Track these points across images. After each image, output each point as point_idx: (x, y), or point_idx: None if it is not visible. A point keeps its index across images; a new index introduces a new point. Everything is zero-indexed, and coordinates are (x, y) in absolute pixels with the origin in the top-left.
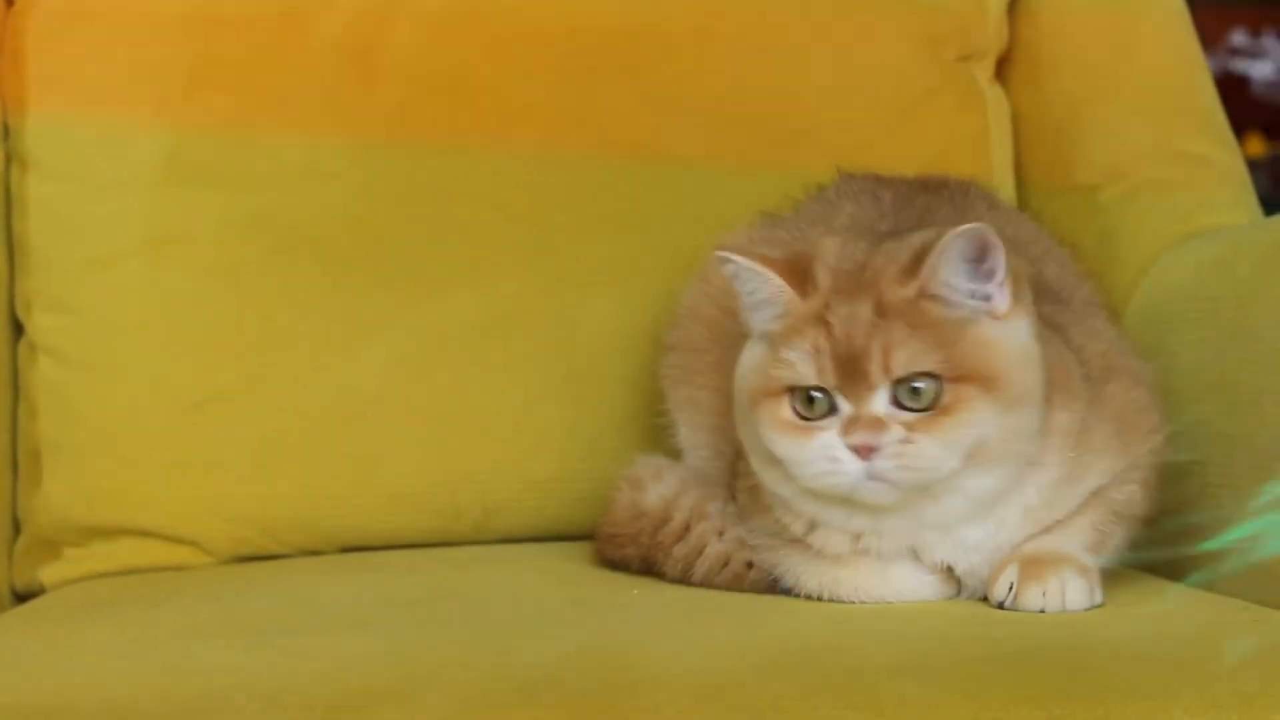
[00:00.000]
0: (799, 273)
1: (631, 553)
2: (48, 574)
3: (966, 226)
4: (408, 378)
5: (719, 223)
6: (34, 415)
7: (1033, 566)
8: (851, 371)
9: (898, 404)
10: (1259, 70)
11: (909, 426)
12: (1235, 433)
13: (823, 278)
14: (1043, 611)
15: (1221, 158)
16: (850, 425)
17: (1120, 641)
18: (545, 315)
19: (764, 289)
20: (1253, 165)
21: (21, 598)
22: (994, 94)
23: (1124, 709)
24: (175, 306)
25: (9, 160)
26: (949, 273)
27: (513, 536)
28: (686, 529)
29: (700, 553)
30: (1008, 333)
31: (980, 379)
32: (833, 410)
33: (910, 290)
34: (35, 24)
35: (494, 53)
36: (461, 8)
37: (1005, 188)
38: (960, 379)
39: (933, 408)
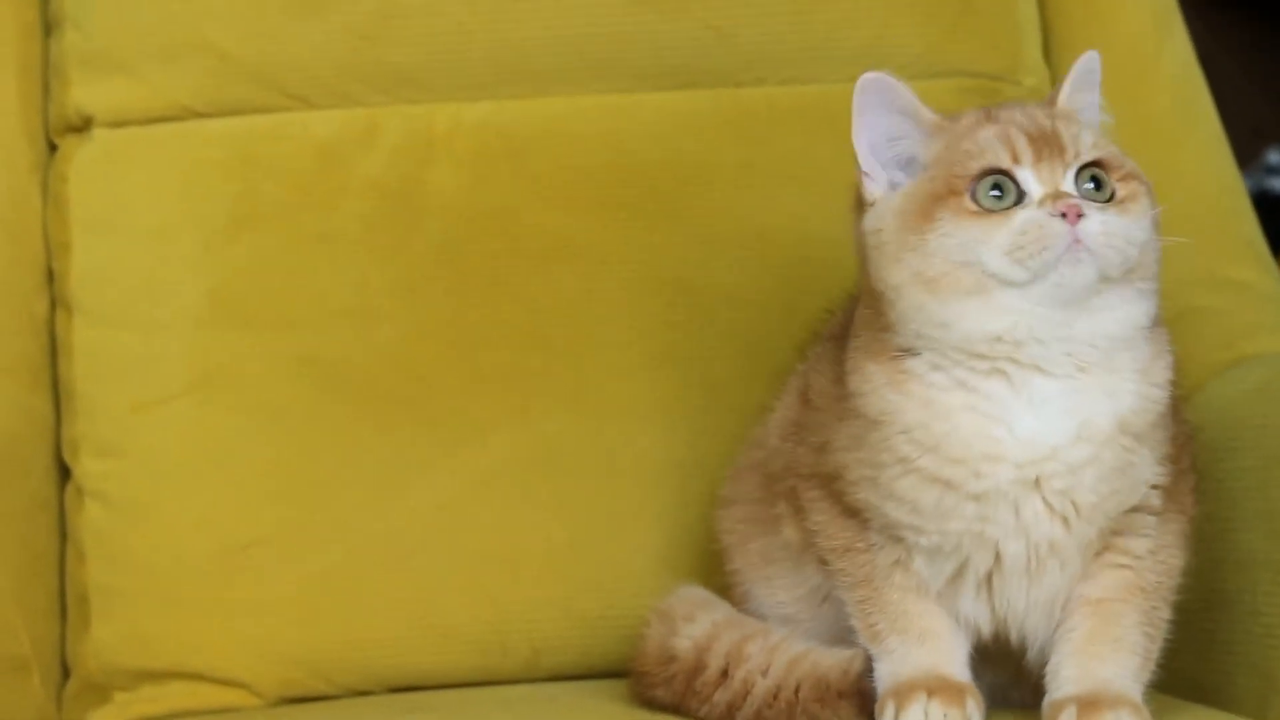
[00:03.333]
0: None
1: (662, 694)
2: (97, 718)
3: (1084, 56)
4: (453, 517)
5: (761, 358)
6: (81, 559)
7: (1089, 709)
8: (1041, 151)
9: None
10: None
11: (1102, 207)
12: None
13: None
14: None
15: (1263, 282)
16: (1054, 199)
17: None
18: (588, 453)
19: (914, 114)
20: None
21: None
22: None
23: None
24: (221, 448)
25: (54, 304)
26: (1081, 96)
27: (561, 674)
28: (725, 675)
29: (746, 695)
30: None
31: (1139, 178)
32: (1019, 200)
33: (1057, 109)
34: (78, 169)
35: (534, 190)
36: (500, 145)
37: None
38: (1125, 177)
39: (1110, 198)
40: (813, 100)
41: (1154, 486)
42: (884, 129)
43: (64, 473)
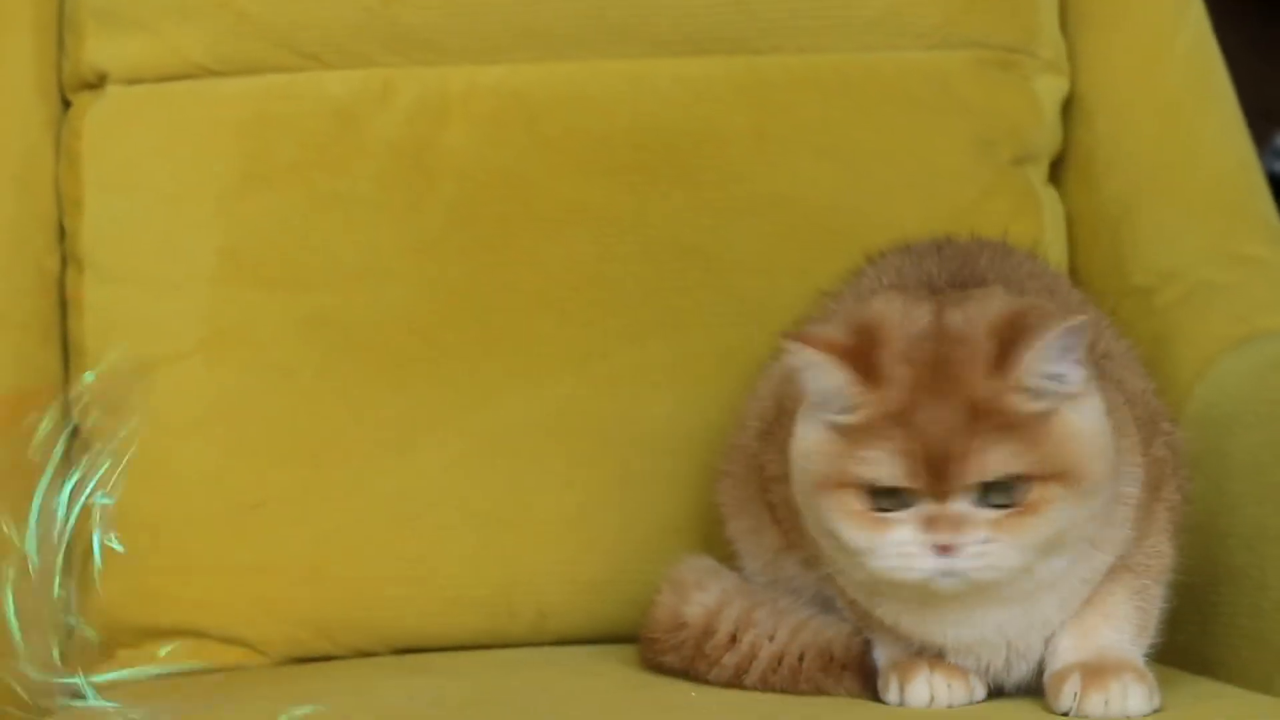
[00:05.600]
0: (868, 361)
1: (672, 660)
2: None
3: (1072, 322)
4: (463, 480)
5: (773, 326)
6: (89, 515)
7: (1094, 675)
8: (938, 473)
9: (981, 501)
10: None
11: (991, 525)
12: None
13: (896, 369)
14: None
15: (1276, 259)
16: (931, 523)
17: None
18: (599, 418)
19: (832, 381)
20: None
21: (76, 697)
22: (1048, 196)
23: None
24: (231, 408)
25: (65, 261)
26: (1044, 365)
27: (568, 638)
28: (734, 639)
29: (753, 659)
30: (1085, 417)
31: (1064, 475)
32: (909, 504)
33: (1001, 384)
34: (91, 125)
35: (548, 154)
36: (515, 108)
37: None
38: (1046, 477)
39: (1015, 504)
40: (829, 69)
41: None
42: (807, 378)
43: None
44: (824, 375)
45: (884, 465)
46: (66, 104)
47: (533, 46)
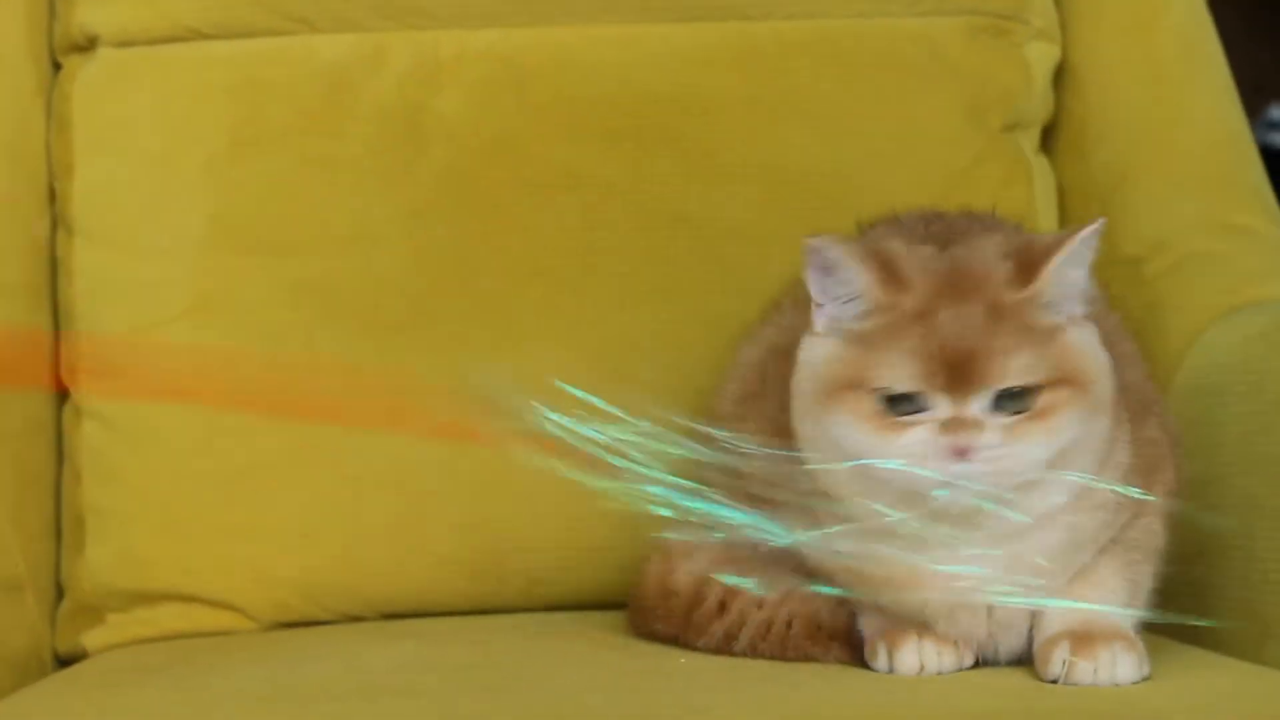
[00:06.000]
0: (891, 266)
1: (661, 628)
2: (90, 639)
3: (1093, 226)
4: (452, 446)
5: (762, 293)
6: (78, 480)
7: (1083, 642)
8: (957, 375)
9: (994, 408)
10: None
11: (1005, 430)
12: None
13: (918, 277)
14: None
15: (1268, 229)
16: (948, 426)
17: (1170, 713)
18: (587, 383)
19: (855, 282)
20: None
21: (64, 662)
22: (1039, 164)
23: None
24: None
25: (55, 225)
26: (1067, 277)
27: (557, 604)
28: (722, 607)
29: (742, 625)
30: (1089, 336)
31: (1074, 383)
32: (924, 409)
33: (1025, 294)
34: (82, 88)
35: (539, 120)
36: (506, 74)
37: None
38: (1057, 383)
39: (1027, 410)
40: (820, 35)
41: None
42: (828, 282)
43: (62, 393)
44: (848, 274)
45: (903, 367)
46: (57, 67)
47: (524, 11)
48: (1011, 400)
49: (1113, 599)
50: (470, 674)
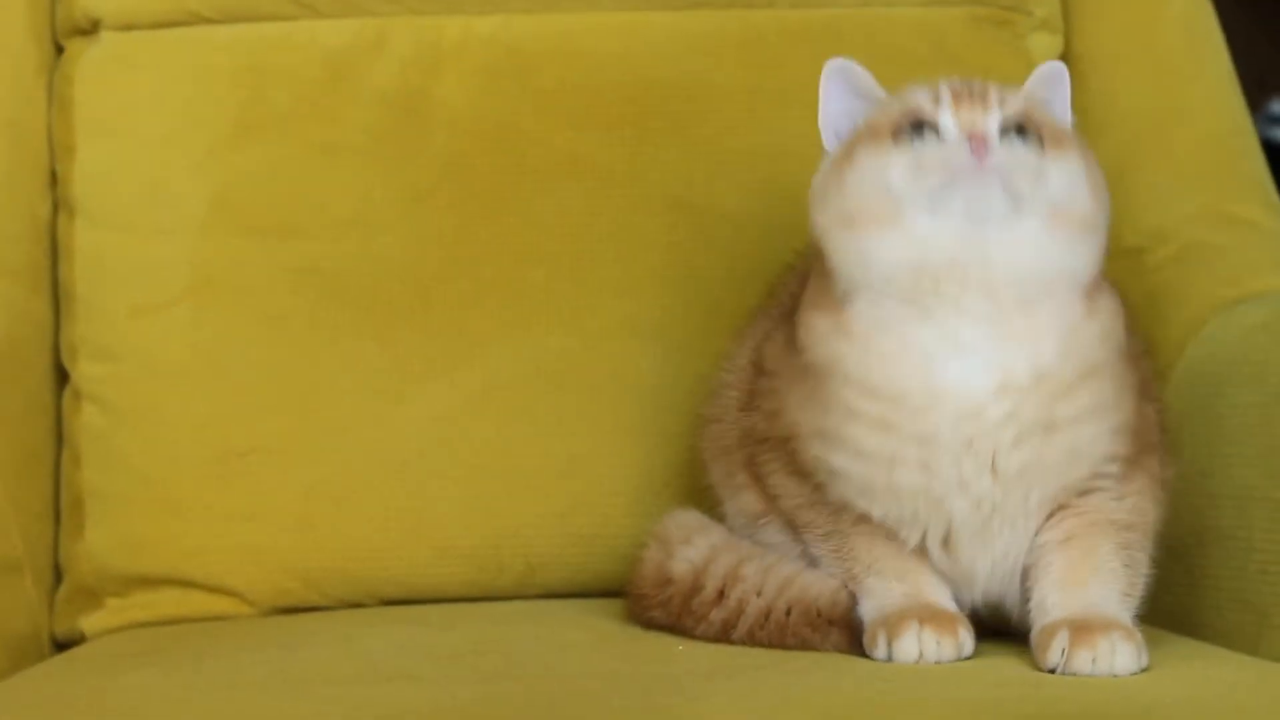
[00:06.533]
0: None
1: (658, 615)
2: (89, 623)
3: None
4: (451, 430)
5: (763, 281)
6: (77, 463)
7: (1082, 632)
8: (965, 100)
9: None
10: None
11: (1011, 149)
12: None
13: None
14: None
15: (1269, 222)
16: (968, 128)
17: (1168, 704)
18: (589, 370)
19: (871, 91)
20: None
21: (62, 646)
22: None
23: None
24: (220, 355)
25: (57, 207)
26: (1043, 91)
27: (556, 592)
28: (721, 595)
29: (741, 613)
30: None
31: (1077, 146)
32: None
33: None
34: (84, 71)
35: (541, 106)
36: (509, 60)
37: None
38: (1059, 139)
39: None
40: (823, 24)
41: (1109, 460)
42: (842, 109)
43: (62, 376)
44: (861, 80)
45: (916, 97)
46: (59, 49)
47: None
48: (1020, 140)
49: (1111, 581)
50: (469, 660)
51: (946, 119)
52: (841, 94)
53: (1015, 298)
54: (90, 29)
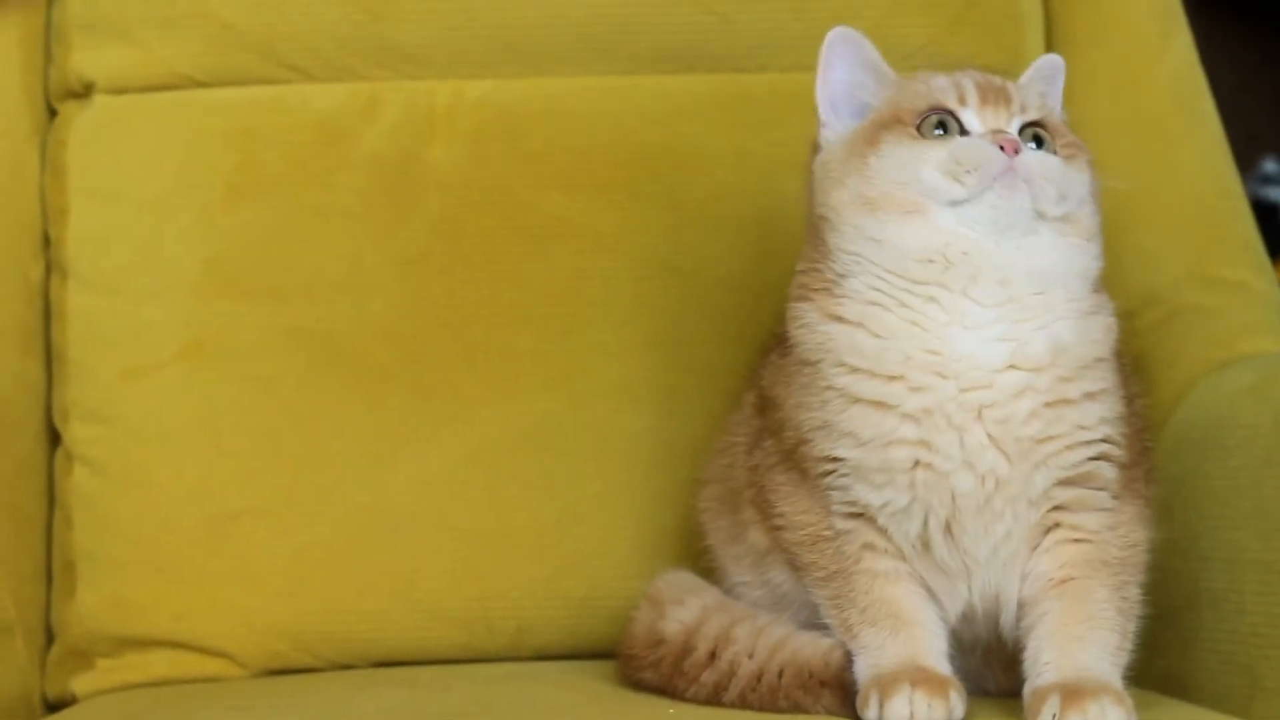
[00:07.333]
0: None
1: (650, 676)
2: (80, 684)
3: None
4: (442, 493)
5: (753, 343)
6: (69, 525)
7: (1073, 697)
8: (990, 99)
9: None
10: None
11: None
12: (1272, 559)
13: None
14: None
15: (1259, 284)
16: (989, 134)
17: None
18: (579, 433)
19: (878, 66)
20: None
21: (53, 707)
22: None
23: None
24: (211, 418)
25: (49, 270)
26: (1038, 86)
27: (546, 654)
28: (713, 656)
29: (732, 675)
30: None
31: (1082, 150)
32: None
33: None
34: (77, 134)
35: (532, 169)
36: (500, 124)
37: None
38: (1069, 144)
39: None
40: (813, 88)
41: (1105, 458)
42: (847, 81)
43: (54, 438)
44: (866, 52)
45: (941, 89)
46: (52, 113)
47: (517, 62)
48: (1035, 145)
49: (1106, 633)
50: None
51: (972, 118)
52: (847, 65)
53: (1029, 289)
54: (83, 92)
